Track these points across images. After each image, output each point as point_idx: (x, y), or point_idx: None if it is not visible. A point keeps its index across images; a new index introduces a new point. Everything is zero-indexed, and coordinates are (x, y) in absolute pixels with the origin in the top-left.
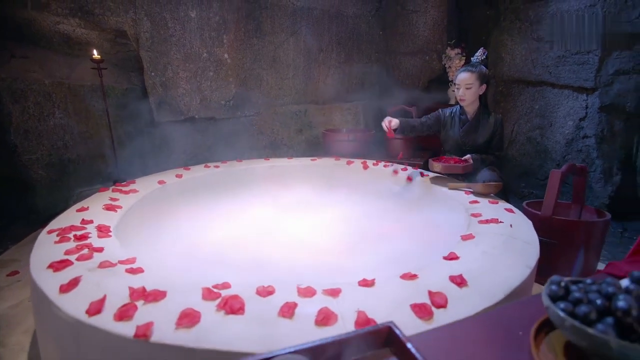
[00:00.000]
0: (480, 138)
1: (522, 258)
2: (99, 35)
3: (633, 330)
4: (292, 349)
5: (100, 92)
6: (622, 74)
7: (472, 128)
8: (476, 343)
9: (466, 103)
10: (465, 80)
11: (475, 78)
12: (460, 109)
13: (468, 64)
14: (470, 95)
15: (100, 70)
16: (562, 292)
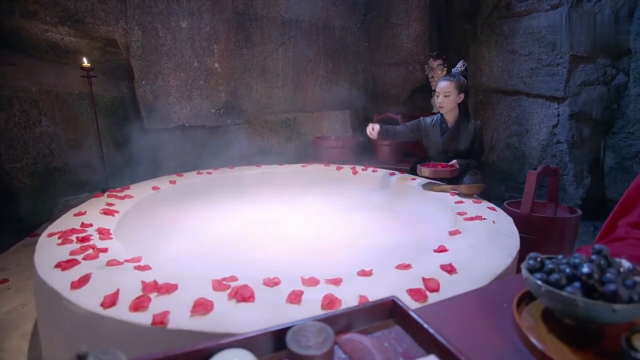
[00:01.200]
0: (462, 144)
1: (505, 249)
2: (88, 43)
3: (595, 290)
4: (312, 319)
5: (88, 100)
6: (587, 84)
7: (453, 135)
8: (468, 314)
9: (445, 110)
10: (444, 89)
11: (453, 87)
12: (441, 117)
13: (448, 74)
14: (449, 103)
15: (89, 79)
16: (538, 265)
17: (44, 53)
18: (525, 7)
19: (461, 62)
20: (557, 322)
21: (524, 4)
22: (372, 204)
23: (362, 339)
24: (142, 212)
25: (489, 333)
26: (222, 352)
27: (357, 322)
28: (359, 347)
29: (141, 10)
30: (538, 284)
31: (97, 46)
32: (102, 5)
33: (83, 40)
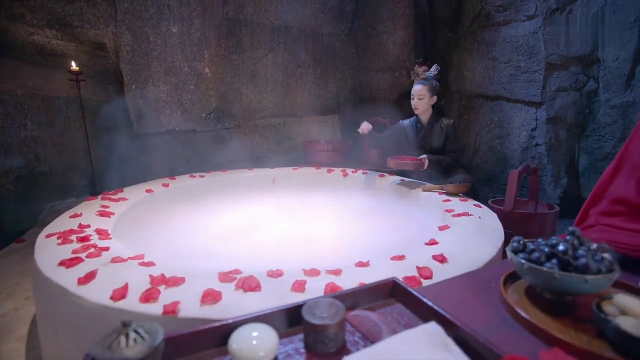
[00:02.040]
0: (435, 142)
1: (490, 241)
2: (76, 47)
3: (570, 265)
4: (323, 297)
5: (76, 104)
6: (562, 90)
7: (427, 133)
8: (460, 293)
9: (419, 111)
10: (418, 92)
11: (427, 90)
12: (416, 119)
13: (423, 78)
14: (422, 104)
15: (78, 82)
16: (521, 247)
17: (30, 56)
18: (503, 18)
19: (434, 66)
20: (538, 297)
21: (502, 14)
22: (364, 204)
23: (368, 314)
24: (138, 213)
25: (480, 308)
26: (244, 326)
27: (362, 300)
28: (366, 320)
29: (131, 14)
30: (521, 262)
31: (85, 50)
32: (91, 9)
33: (71, 43)
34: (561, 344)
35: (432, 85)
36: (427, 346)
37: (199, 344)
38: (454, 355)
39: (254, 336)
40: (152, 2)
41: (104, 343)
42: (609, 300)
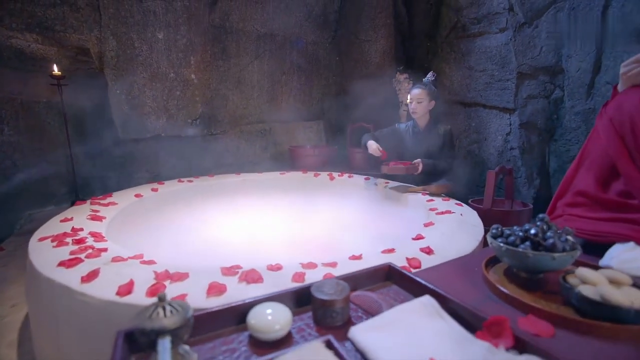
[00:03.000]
0: (432, 147)
1: (472, 235)
2: (57, 51)
3: (540, 245)
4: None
5: (56, 109)
6: (532, 98)
7: (424, 139)
8: (448, 276)
9: (418, 116)
10: (417, 96)
11: (425, 94)
12: (413, 123)
13: (420, 82)
14: (421, 108)
15: (60, 87)
16: (499, 233)
17: (8, 60)
18: (478, 29)
19: (431, 73)
20: (515, 276)
21: (476, 26)
22: (351, 206)
23: (368, 293)
24: (129, 217)
25: (465, 287)
26: (260, 304)
27: (362, 283)
28: (367, 299)
29: (116, 20)
30: (500, 245)
31: (67, 54)
32: (74, 13)
33: (52, 48)
34: (534, 311)
35: (430, 89)
36: (422, 315)
37: (219, 322)
38: (446, 321)
39: (269, 312)
40: (138, 9)
41: (143, 315)
42: (572, 274)
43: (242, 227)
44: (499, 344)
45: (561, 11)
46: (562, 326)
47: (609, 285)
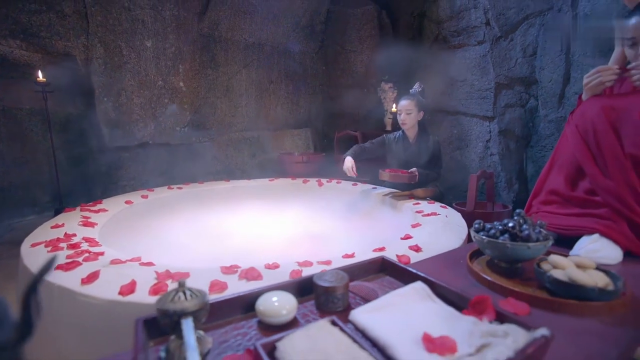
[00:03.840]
0: (422, 158)
1: (456, 234)
2: (42, 58)
3: (517, 236)
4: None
5: (40, 116)
6: (509, 107)
7: (415, 150)
8: (436, 268)
9: (407, 127)
10: (405, 107)
11: (414, 105)
12: (403, 134)
13: (408, 93)
14: (410, 119)
15: (45, 94)
16: (481, 227)
17: None
18: (458, 42)
19: (417, 83)
20: (496, 266)
21: (457, 39)
22: (340, 210)
23: (365, 283)
24: (121, 223)
25: (452, 277)
26: (267, 293)
27: (357, 275)
28: (364, 288)
29: (104, 28)
30: (482, 238)
31: (52, 61)
32: (60, 20)
33: (36, 54)
34: (513, 294)
35: (418, 100)
36: (415, 298)
37: (230, 310)
38: (436, 303)
39: (276, 299)
40: (126, 17)
41: (165, 298)
42: (545, 261)
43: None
44: (483, 318)
45: (533, 27)
46: (537, 306)
47: (576, 268)
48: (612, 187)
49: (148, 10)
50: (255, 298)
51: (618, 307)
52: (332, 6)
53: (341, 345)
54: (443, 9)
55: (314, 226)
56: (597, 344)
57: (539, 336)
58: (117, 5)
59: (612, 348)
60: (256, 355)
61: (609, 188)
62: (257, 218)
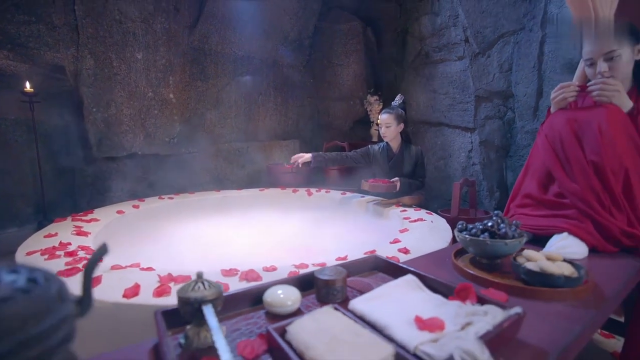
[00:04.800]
0: (406, 168)
1: (442, 238)
2: (29, 68)
3: (496, 234)
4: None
5: (25, 127)
6: (489, 118)
7: (398, 160)
8: (425, 265)
9: (388, 139)
10: (385, 121)
11: (393, 118)
12: (387, 145)
13: (388, 107)
14: (390, 132)
15: (32, 104)
16: (464, 228)
17: None
18: (439, 57)
19: (399, 95)
20: (478, 263)
21: (438, 54)
22: (330, 218)
23: (360, 278)
24: (115, 233)
25: (439, 272)
26: (273, 286)
27: (352, 272)
28: (359, 282)
29: (95, 39)
30: (465, 237)
31: (40, 72)
32: (50, 32)
33: (23, 65)
34: (493, 285)
35: (397, 113)
36: (407, 288)
37: (239, 303)
38: (425, 292)
39: (281, 292)
40: (117, 29)
41: (187, 288)
42: (520, 255)
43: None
44: (467, 302)
45: (508, 44)
46: (513, 294)
47: (547, 260)
48: (577, 191)
49: (139, 23)
50: (262, 292)
51: (581, 293)
52: (319, 22)
53: (345, 325)
54: (425, 26)
55: (305, 233)
56: (565, 323)
57: (513, 313)
58: (108, 18)
59: (577, 325)
60: (269, 337)
61: (575, 191)
62: (250, 226)
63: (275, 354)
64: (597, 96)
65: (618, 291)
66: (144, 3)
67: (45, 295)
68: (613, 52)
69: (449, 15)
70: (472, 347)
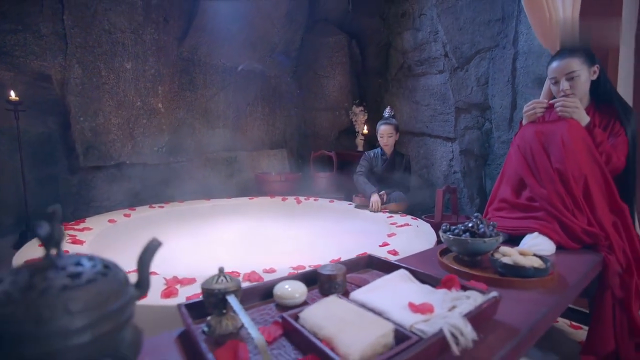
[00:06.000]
0: (396, 172)
1: (427, 240)
2: (14, 76)
3: (476, 234)
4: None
5: (7, 135)
6: (468, 129)
7: (391, 165)
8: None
9: (389, 148)
10: (387, 131)
11: (393, 129)
12: (381, 151)
13: (386, 118)
14: (392, 142)
15: (17, 113)
16: (448, 229)
17: None
18: (421, 70)
19: (388, 107)
20: (461, 260)
21: (420, 67)
22: (320, 224)
23: (357, 275)
24: (109, 241)
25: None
26: (281, 282)
27: (349, 269)
28: (357, 278)
29: (83, 49)
30: (449, 237)
31: (24, 80)
32: (37, 40)
33: (8, 73)
34: (474, 277)
35: (395, 124)
36: (399, 281)
37: (251, 297)
38: (415, 283)
39: (289, 286)
40: (107, 39)
41: (211, 281)
42: (497, 252)
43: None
44: (452, 289)
45: (484, 60)
46: (492, 284)
47: (519, 255)
48: (545, 195)
49: (129, 33)
50: (271, 287)
51: (548, 282)
52: (306, 34)
53: (350, 310)
54: (407, 40)
55: (297, 239)
56: (533, 306)
57: (491, 297)
58: (97, 28)
59: (543, 307)
60: (284, 323)
61: (543, 196)
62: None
63: (291, 335)
64: (560, 112)
65: (579, 281)
66: (134, 14)
67: (118, 278)
68: (573, 73)
69: (430, 31)
70: (457, 322)
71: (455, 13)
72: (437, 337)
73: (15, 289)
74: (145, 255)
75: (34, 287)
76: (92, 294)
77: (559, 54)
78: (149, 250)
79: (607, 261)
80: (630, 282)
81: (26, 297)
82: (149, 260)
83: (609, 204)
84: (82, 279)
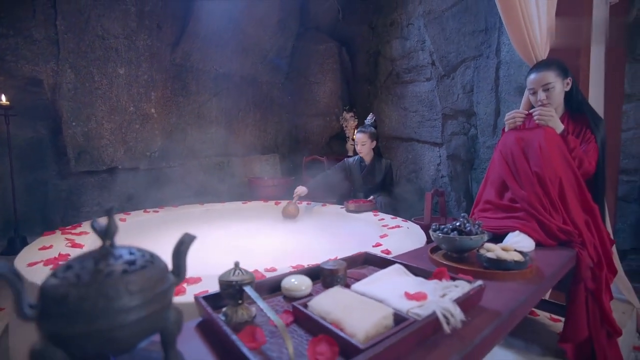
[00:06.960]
0: (377, 178)
1: (418, 240)
2: (4, 81)
3: (463, 232)
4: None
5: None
6: (455, 134)
7: (370, 171)
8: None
9: (363, 154)
10: (360, 139)
11: (367, 137)
12: (360, 158)
13: (362, 126)
14: (365, 149)
15: (7, 117)
16: (437, 228)
17: None
18: (409, 78)
19: (370, 114)
20: (450, 257)
21: (408, 75)
22: (314, 227)
23: (356, 270)
24: None
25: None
26: (288, 276)
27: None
28: (356, 273)
29: (76, 54)
30: (439, 235)
31: (15, 84)
32: (29, 45)
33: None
34: (462, 271)
35: (370, 132)
36: (395, 274)
37: (259, 291)
38: (410, 276)
39: (295, 280)
40: (100, 45)
41: (228, 274)
42: (482, 248)
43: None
44: (442, 280)
45: (469, 68)
46: (477, 277)
47: (502, 250)
48: (525, 196)
49: (122, 39)
50: (278, 282)
51: (527, 274)
52: (297, 42)
53: (353, 298)
54: (395, 49)
55: (292, 241)
56: (514, 294)
57: (477, 285)
58: (90, 34)
59: (522, 295)
60: (295, 311)
61: (524, 197)
62: (237, 236)
63: (302, 321)
64: (537, 120)
65: (554, 273)
66: (127, 20)
67: (161, 266)
68: (549, 84)
69: (417, 40)
70: (448, 306)
71: (441, 23)
72: (430, 318)
73: (85, 273)
74: (181, 247)
75: (100, 272)
76: (145, 278)
77: (536, 67)
78: (185, 243)
79: (580, 256)
80: (600, 275)
81: (96, 280)
82: (185, 252)
83: (581, 204)
84: (137, 265)
